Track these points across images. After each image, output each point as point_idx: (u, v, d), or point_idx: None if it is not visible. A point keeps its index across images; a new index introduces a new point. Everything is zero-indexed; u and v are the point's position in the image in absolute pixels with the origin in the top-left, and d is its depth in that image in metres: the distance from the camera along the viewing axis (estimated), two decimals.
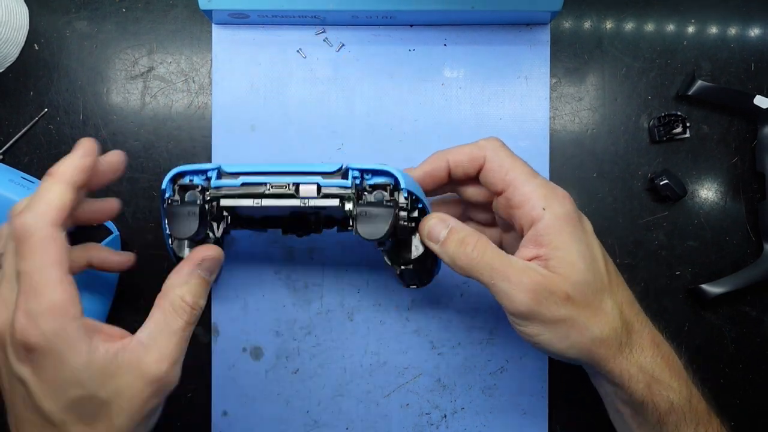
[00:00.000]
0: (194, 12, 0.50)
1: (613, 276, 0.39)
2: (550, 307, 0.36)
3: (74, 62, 0.50)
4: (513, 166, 0.39)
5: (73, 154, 0.35)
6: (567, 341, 0.37)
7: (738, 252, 0.50)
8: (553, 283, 0.36)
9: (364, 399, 0.50)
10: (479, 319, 0.50)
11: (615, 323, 0.37)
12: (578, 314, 0.36)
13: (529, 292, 0.36)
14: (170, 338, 0.35)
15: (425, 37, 0.50)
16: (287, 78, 0.50)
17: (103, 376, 0.33)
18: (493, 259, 0.37)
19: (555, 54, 0.50)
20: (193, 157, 0.50)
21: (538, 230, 0.37)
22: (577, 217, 0.38)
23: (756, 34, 0.50)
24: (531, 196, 0.38)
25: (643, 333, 0.38)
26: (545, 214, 0.37)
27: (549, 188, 0.38)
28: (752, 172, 0.50)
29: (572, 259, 0.37)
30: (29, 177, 0.48)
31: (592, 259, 0.37)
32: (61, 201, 0.33)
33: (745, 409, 0.50)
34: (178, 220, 0.37)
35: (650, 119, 0.50)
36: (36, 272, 0.32)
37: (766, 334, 0.50)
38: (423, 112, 0.50)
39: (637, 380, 0.37)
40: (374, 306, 0.50)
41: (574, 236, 0.37)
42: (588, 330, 0.36)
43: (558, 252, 0.37)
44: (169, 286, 0.36)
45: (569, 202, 0.38)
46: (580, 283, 0.36)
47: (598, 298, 0.37)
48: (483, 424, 0.50)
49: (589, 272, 0.37)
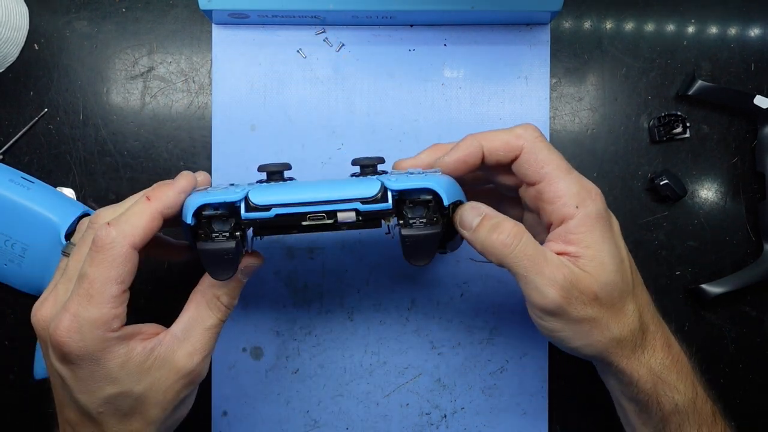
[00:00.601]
0: (194, 12, 0.50)
1: (636, 278, 0.38)
2: (578, 306, 0.35)
3: (74, 62, 0.50)
4: (549, 159, 0.38)
5: (175, 185, 0.36)
6: (587, 340, 0.37)
7: (738, 252, 0.50)
8: (583, 282, 0.36)
9: (364, 399, 0.50)
10: (479, 319, 0.50)
11: (634, 325, 0.37)
12: (602, 315, 0.36)
13: (561, 288, 0.35)
14: (203, 334, 0.37)
15: (425, 37, 0.50)
16: (287, 78, 0.50)
17: (139, 373, 0.35)
18: (528, 249, 0.35)
19: (555, 54, 0.50)
20: (192, 157, 0.50)
21: (569, 228, 0.37)
22: (608, 216, 0.38)
23: (756, 34, 0.50)
24: (565, 193, 0.37)
25: (657, 335, 0.38)
26: (578, 212, 0.37)
27: (583, 185, 0.38)
28: (752, 172, 0.50)
29: (603, 259, 0.36)
30: (29, 177, 0.48)
31: (620, 260, 0.37)
32: (149, 228, 0.35)
33: (745, 409, 0.50)
34: (214, 263, 0.35)
35: (650, 119, 0.50)
36: (98, 282, 0.33)
37: (766, 334, 0.50)
38: (423, 112, 0.50)
39: (645, 381, 0.37)
40: (374, 306, 0.50)
41: (604, 236, 0.37)
42: (609, 330, 0.36)
43: (589, 251, 0.36)
44: (207, 285, 0.38)
45: (601, 200, 0.38)
46: (609, 283, 0.36)
47: (623, 300, 0.37)
48: (483, 424, 0.50)
49: (618, 273, 0.36)
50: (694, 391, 0.38)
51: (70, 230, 0.47)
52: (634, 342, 0.37)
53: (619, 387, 0.39)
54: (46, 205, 0.46)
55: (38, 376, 0.47)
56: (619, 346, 0.37)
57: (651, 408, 0.38)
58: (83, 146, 0.50)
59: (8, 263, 0.47)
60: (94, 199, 0.50)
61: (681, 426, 0.38)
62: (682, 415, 0.37)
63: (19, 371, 0.50)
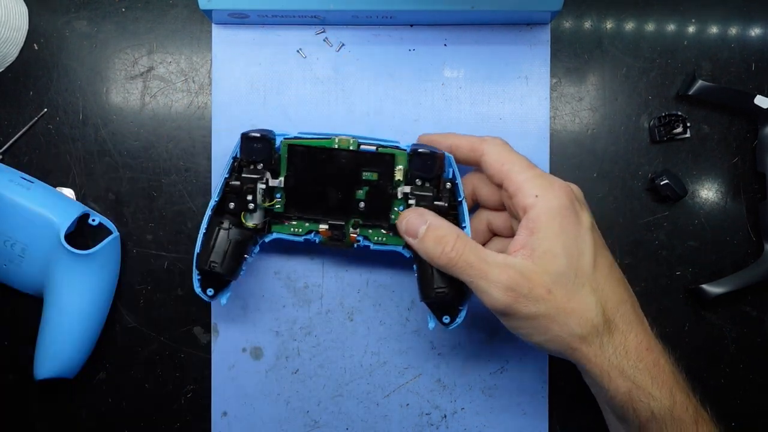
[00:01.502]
0: (194, 12, 0.50)
1: (602, 272, 0.38)
2: (527, 304, 0.36)
3: (74, 62, 0.50)
4: (510, 158, 0.40)
5: None
6: (547, 335, 0.37)
7: (738, 252, 0.50)
8: (534, 277, 0.36)
9: (364, 399, 0.50)
10: (479, 319, 0.50)
11: (595, 320, 0.37)
12: (557, 310, 0.36)
13: (507, 289, 0.36)
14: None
15: (425, 37, 0.50)
16: (287, 78, 0.50)
17: None
18: (471, 257, 0.37)
19: (555, 54, 0.50)
20: (192, 157, 0.50)
21: (530, 217, 0.38)
22: (573, 210, 0.38)
23: (756, 34, 0.50)
24: (525, 185, 0.38)
25: (629, 336, 0.38)
26: (538, 202, 0.38)
27: (545, 179, 0.39)
28: (753, 172, 0.50)
29: (555, 251, 0.37)
30: (29, 177, 0.48)
31: (578, 253, 0.37)
32: None
33: (745, 409, 0.50)
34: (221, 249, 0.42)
35: (650, 119, 0.50)
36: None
37: (766, 334, 0.50)
38: (423, 112, 0.50)
39: (617, 384, 0.37)
40: (374, 306, 0.50)
41: (564, 228, 0.37)
42: (567, 325, 0.37)
43: (544, 242, 0.37)
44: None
45: (565, 194, 0.38)
46: (560, 275, 0.37)
47: (580, 294, 0.37)
48: (483, 424, 0.50)
49: (572, 266, 0.37)
50: (672, 399, 0.37)
51: (70, 230, 0.47)
52: (600, 339, 0.37)
53: (596, 390, 0.39)
54: (45, 205, 0.46)
55: (38, 376, 0.47)
56: (583, 342, 0.37)
57: (628, 415, 0.37)
58: (83, 146, 0.50)
59: (8, 263, 0.47)
60: (94, 199, 0.50)
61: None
62: (659, 423, 0.37)
63: (19, 371, 0.50)
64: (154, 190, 0.50)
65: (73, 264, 0.46)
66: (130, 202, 0.50)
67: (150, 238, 0.50)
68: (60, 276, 0.46)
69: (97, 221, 0.48)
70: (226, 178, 0.43)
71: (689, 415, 0.37)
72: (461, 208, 0.42)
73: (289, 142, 0.43)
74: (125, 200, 0.50)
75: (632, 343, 0.38)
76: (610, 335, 0.37)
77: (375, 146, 0.43)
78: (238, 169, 0.43)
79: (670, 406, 0.37)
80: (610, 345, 0.37)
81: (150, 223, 0.50)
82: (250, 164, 0.43)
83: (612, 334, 0.37)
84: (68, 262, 0.46)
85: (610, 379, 0.37)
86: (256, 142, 0.42)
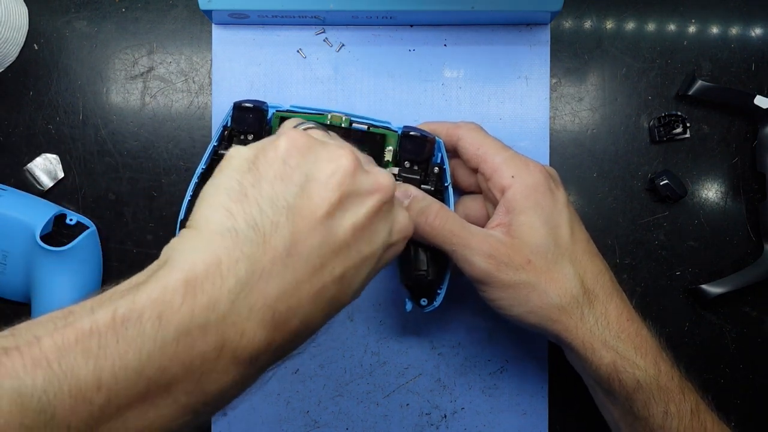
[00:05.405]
0: (194, 12, 0.50)
1: (579, 244, 0.39)
2: (508, 272, 0.37)
3: (74, 62, 0.50)
4: (484, 141, 0.41)
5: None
6: (526, 306, 0.37)
7: (738, 252, 0.50)
8: (514, 248, 0.37)
9: (364, 399, 0.50)
10: (479, 319, 0.50)
11: (575, 291, 0.37)
12: (537, 279, 0.37)
13: (488, 256, 0.37)
14: None
15: (425, 37, 0.50)
16: (287, 78, 0.50)
17: None
18: (454, 226, 0.38)
19: (555, 54, 0.50)
20: (192, 157, 0.50)
21: (507, 197, 0.39)
22: (548, 187, 0.39)
23: (756, 34, 0.50)
24: (500, 167, 0.39)
25: (609, 305, 0.38)
26: (514, 182, 0.39)
27: (520, 160, 0.40)
28: (752, 172, 0.50)
29: (534, 224, 0.38)
30: (0, 186, 0.48)
31: (555, 226, 0.38)
32: None
33: (745, 409, 0.50)
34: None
35: (650, 119, 0.50)
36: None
37: (766, 334, 0.50)
38: (423, 112, 0.50)
39: (600, 356, 0.37)
40: (374, 306, 0.50)
41: (540, 203, 0.38)
42: (546, 295, 0.37)
43: (521, 217, 0.38)
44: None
45: (539, 173, 0.39)
46: (540, 246, 0.37)
47: (559, 264, 0.38)
48: (483, 424, 0.50)
49: (550, 237, 0.38)
50: (657, 368, 0.37)
51: (47, 231, 0.47)
52: (581, 310, 0.37)
53: (581, 366, 0.39)
54: (19, 209, 0.46)
55: None
56: (564, 314, 0.37)
57: (614, 386, 0.37)
58: (83, 146, 0.50)
59: None
60: (94, 199, 0.50)
61: (647, 404, 0.37)
62: (646, 392, 0.37)
63: None
64: (154, 190, 0.50)
65: (53, 263, 0.46)
66: (130, 202, 0.50)
67: (150, 238, 0.50)
68: (42, 277, 0.46)
69: (75, 220, 0.48)
70: (214, 146, 0.42)
71: (675, 384, 0.37)
72: (447, 194, 0.42)
73: (282, 114, 0.43)
74: (125, 200, 0.50)
75: (613, 314, 0.38)
76: (590, 306, 0.38)
77: (366, 125, 0.43)
78: (228, 138, 0.43)
79: (655, 375, 0.37)
80: (591, 315, 0.37)
81: (150, 223, 0.50)
82: (240, 134, 0.42)
83: (592, 304, 0.38)
84: (47, 262, 0.46)
85: (593, 351, 0.37)
86: (248, 112, 0.42)
